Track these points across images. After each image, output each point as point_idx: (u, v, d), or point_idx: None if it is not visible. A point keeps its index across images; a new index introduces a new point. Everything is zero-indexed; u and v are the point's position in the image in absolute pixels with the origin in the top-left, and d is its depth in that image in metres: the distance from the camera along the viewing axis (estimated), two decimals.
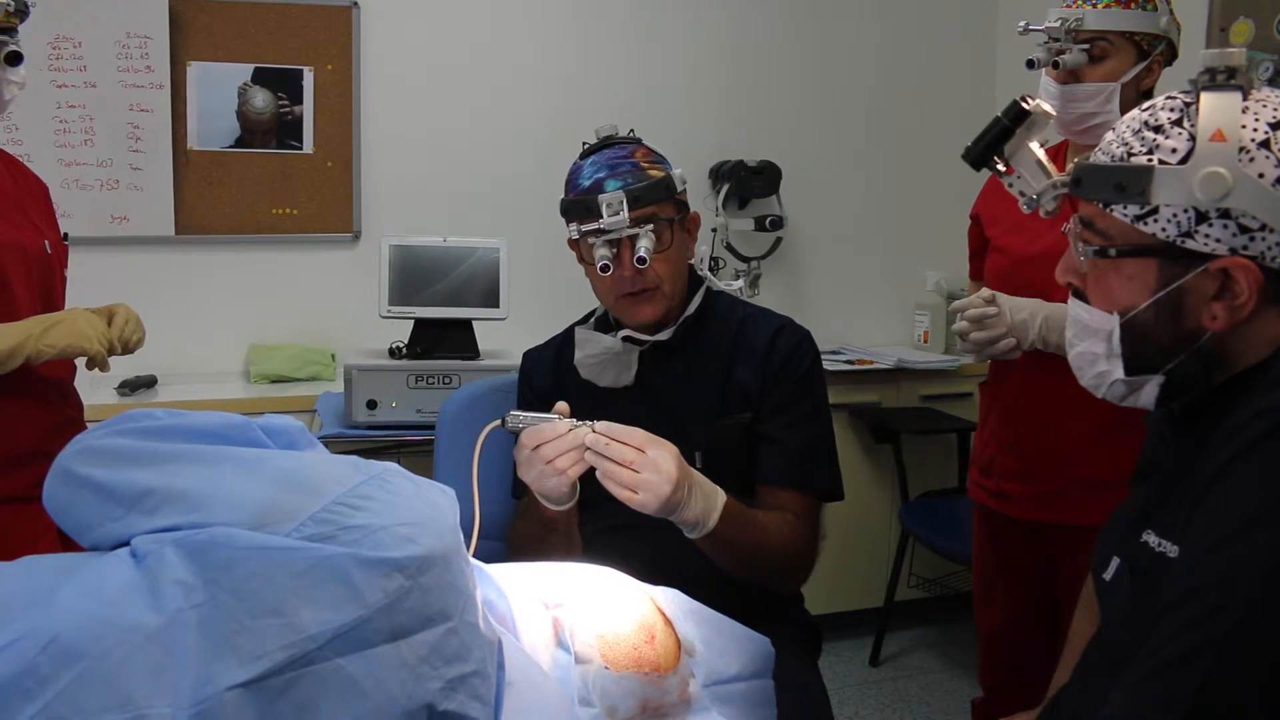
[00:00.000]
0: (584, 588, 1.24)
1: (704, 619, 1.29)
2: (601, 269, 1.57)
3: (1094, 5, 1.83)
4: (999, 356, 1.87)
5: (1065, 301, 1.20)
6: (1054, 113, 1.71)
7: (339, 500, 0.90)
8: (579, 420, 1.39)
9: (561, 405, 1.44)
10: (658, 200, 1.59)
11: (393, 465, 1.01)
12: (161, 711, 0.77)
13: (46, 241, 1.91)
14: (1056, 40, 1.85)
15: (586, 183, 1.60)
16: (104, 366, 1.83)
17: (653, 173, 1.61)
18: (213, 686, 0.79)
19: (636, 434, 1.36)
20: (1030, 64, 1.88)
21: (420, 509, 0.94)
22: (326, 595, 0.84)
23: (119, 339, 1.85)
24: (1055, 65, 1.84)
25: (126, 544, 0.91)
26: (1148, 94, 1.88)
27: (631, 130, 1.72)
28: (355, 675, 0.83)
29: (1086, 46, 1.83)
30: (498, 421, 1.41)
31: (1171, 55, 1.90)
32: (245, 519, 0.88)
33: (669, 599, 1.27)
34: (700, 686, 1.22)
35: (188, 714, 0.78)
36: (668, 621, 1.23)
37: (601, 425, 1.37)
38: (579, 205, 1.59)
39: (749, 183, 3.69)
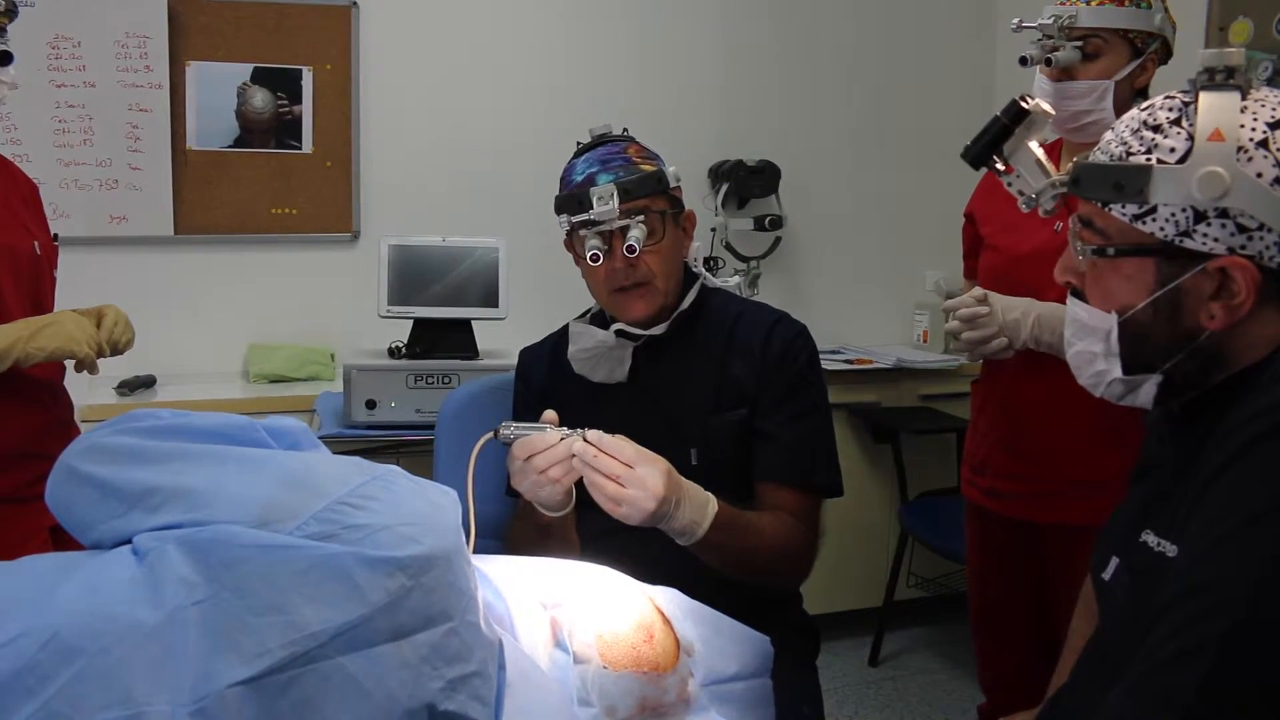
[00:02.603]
0: (582, 587, 1.24)
1: (703, 618, 1.29)
2: (591, 258, 1.57)
3: (1087, 2, 1.82)
4: (991, 356, 1.86)
5: (1059, 300, 1.20)
6: (1053, 112, 1.71)
7: (342, 500, 0.90)
8: (570, 429, 1.38)
9: (550, 414, 1.43)
10: (649, 193, 1.60)
11: (395, 467, 1.01)
12: (161, 709, 0.77)
13: (36, 243, 1.89)
14: (1050, 37, 1.84)
15: (579, 178, 1.61)
16: (93, 369, 1.82)
17: (645, 167, 1.62)
18: (214, 684, 0.79)
19: (626, 449, 1.34)
20: (1023, 61, 1.88)
21: (423, 509, 0.94)
22: (328, 593, 0.84)
23: (108, 341, 1.85)
24: (1048, 62, 1.84)
25: (128, 542, 0.91)
26: (1142, 92, 1.88)
27: (625, 129, 1.73)
28: (356, 674, 0.83)
29: (1080, 44, 1.83)
30: (490, 434, 1.41)
31: (1166, 54, 1.89)
32: (248, 517, 0.88)
33: (668, 598, 1.27)
34: (699, 686, 1.22)
35: (188, 711, 0.78)
36: (666, 621, 1.23)
37: (592, 435, 1.36)
38: (571, 199, 1.59)
39: (748, 182, 3.69)
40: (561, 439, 1.37)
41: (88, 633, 0.79)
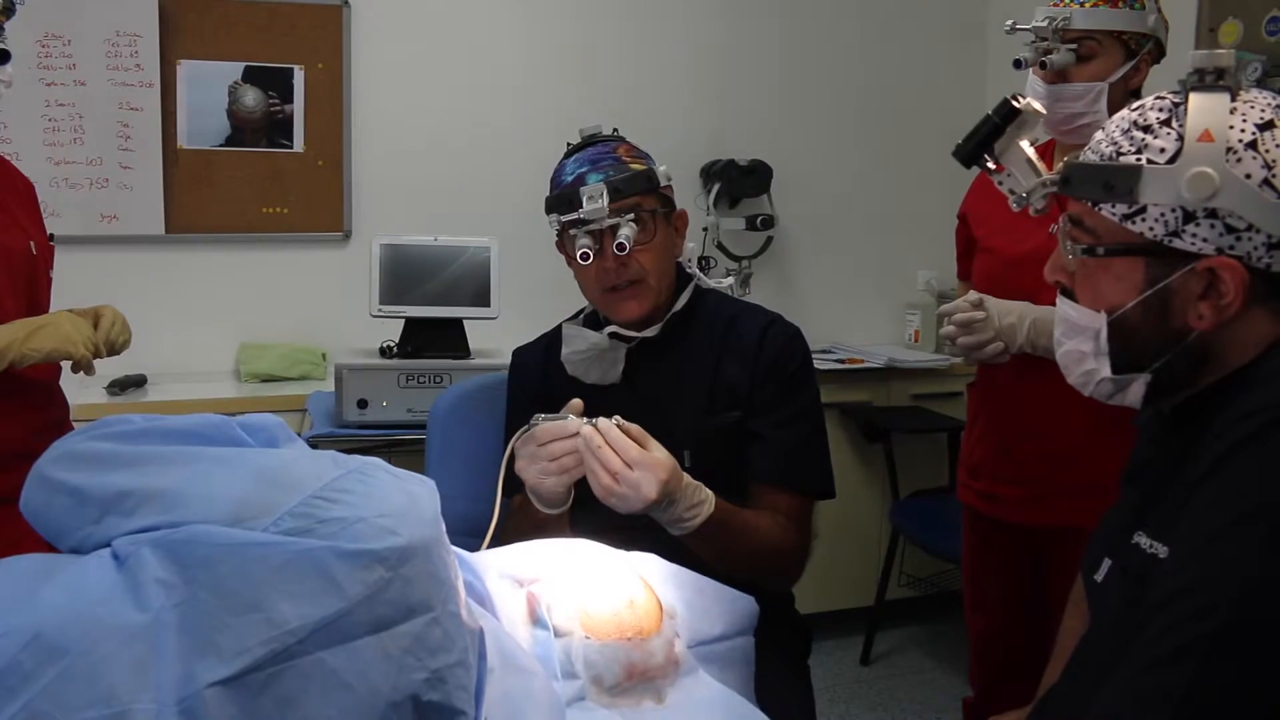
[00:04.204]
0: (559, 561, 1.24)
1: (683, 581, 1.29)
2: (581, 257, 1.57)
3: (1081, 4, 1.81)
4: (987, 360, 1.85)
5: (1054, 304, 1.20)
6: (1044, 111, 1.71)
7: (316, 494, 0.90)
8: (592, 419, 1.39)
9: (576, 403, 1.44)
10: (639, 192, 1.60)
11: (374, 459, 1.01)
12: (145, 708, 0.77)
13: (32, 243, 1.88)
14: (1044, 40, 1.83)
15: (569, 178, 1.61)
16: (89, 370, 1.81)
17: (634, 166, 1.61)
18: (194, 684, 0.78)
19: (631, 449, 1.35)
20: (1017, 64, 1.87)
21: (400, 500, 0.94)
22: (306, 589, 0.83)
23: (105, 342, 1.84)
24: (1043, 65, 1.83)
25: (106, 545, 0.90)
26: (1136, 93, 1.87)
27: (615, 129, 1.73)
28: (338, 668, 0.83)
29: (1074, 46, 1.82)
30: (526, 428, 1.42)
31: (1159, 53, 1.89)
32: (222, 516, 0.87)
33: (647, 563, 1.28)
34: (685, 647, 1.22)
35: (173, 711, 0.77)
36: (647, 585, 1.23)
37: (602, 424, 1.37)
38: (561, 199, 1.59)
39: (740, 182, 3.70)
40: (580, 429, 1.38)
41: (71, 633, 0.79)
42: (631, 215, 1.58)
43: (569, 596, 1.18)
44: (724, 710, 1.19)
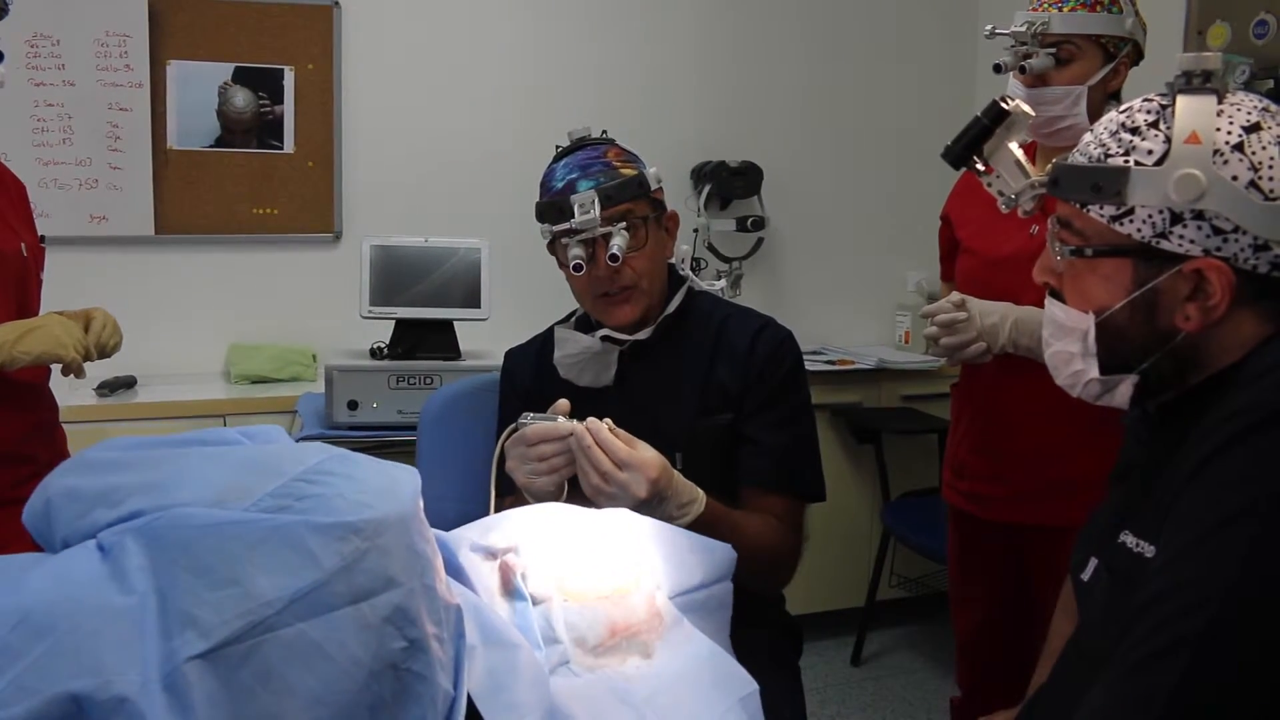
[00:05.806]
0: (530, 527, 1.24)
1: (659, 533, 1.29)
2: (574, 268, 1.57)
3: (1060, 9, 1.83)
4: (970, 360, 1.86)
5: (1035, 304, 1.21)
6: (1033, 113, 1.71)
7: (298, 477, 0.91)
8: (580, 420, 1.40)
9: (563, 403, 1.45)
10: (631, 198, 1.59)
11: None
12: (132, 679, 0.78)
13: (23, 244, 1.88)
14: (1023, 44, 1.84)
15: (559, 184, 1.60)
16: (80, 373, 1.80)
17: (625, 171, 1.61)
18: (175, 659, 0.79)
19: (620, 449, 1.36)
20: (997, 68, 1.88)
21: (380, 480, 0.95)
22: (282, 562, 0.84)
23: (95, 344, 1.83)
24: (1022, 69, 1.84)
25: (92, 539, 0.91)
26: (1115, 95, 1.89)
27: (604, 131, 1.72)
28: (318, 640, 0.83)
29: (1053, 50, 1.83)
30: (513, 426, 1.43)
31: (1137, 56, 1.90)
32: (206, 502, 0.88)
33: (620, 519, 1.28)
34: (667, 599, 1.22)
35: (158, 686, 0.78)
36: (622, 541, 1.23)
37: (593, 424, 1.38)
38: (552, 207, 1.59)
39: (730, 183, 3.70)
40: (571, 430, 1.39)
41: (58, 613, 0.80)
42: (623, 224, 1.58)
43: (545, 562, 1.18)
44: (709, 667, 1.18)
